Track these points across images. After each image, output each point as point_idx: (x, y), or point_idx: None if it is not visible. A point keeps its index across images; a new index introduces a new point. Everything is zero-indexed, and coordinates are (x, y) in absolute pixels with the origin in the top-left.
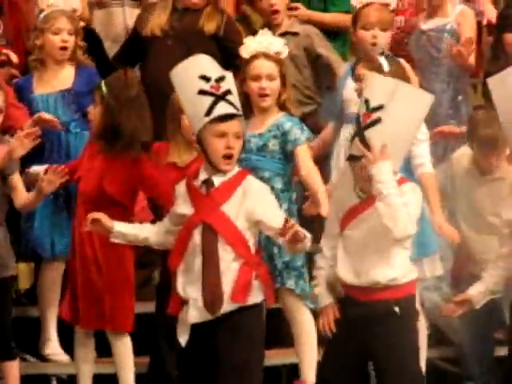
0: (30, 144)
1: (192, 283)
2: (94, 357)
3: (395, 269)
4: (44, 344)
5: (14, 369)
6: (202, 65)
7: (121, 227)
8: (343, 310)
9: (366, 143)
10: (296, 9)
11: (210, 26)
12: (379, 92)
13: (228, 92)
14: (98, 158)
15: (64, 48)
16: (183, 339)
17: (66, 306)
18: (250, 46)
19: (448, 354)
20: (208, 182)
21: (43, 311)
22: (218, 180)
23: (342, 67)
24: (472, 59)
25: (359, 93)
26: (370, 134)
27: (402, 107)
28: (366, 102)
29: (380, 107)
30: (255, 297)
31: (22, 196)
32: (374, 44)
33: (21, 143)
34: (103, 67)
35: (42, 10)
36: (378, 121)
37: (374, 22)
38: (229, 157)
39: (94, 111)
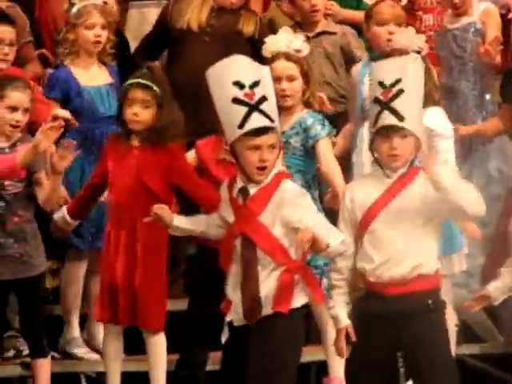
0: (55, 135)
1: (235, 287)
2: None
3: (424, 260)
4: (69, 343)
5: (45, 366)
6: (237, 68)
7: (179, 222)
8: (369, 305)
9: (396, 112)
10: (330, 8)
11: (249, 28)
12: (391, 71)
13: (263, 99)
14: (132, 155)
15: (98, 42)
16: (224, 338)
17: (101, 307)
18: (270, 45)
19: (476, 351)
20: (244, 191)
21: (68, 309)
22: (253, 188)
23: None
24: (498, 58)
25: None
26: (396, 104)
27: (413, 76)
28: (381, 83)
29: (398, 81)
30: (296, 301)
31: (45, 192)
32: (389, 40)
33: (45, 136)
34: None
35: (73, 4)
36: (401, 91)
37: (388, 18)
38: (262, 168)
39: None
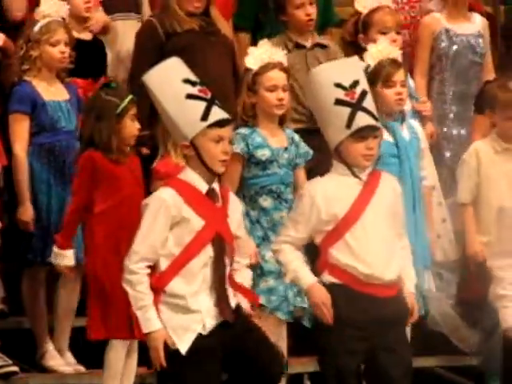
0: None
1: (202, 292)
2: None
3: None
4: (43, 357)
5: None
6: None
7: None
8: (358, 309)
9: (370, 113)
10: None
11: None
12: (346, 72)
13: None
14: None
15: (63, 58)
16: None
17: (118, 323)
18: (257, 56)
19: (453, 363)
20: (213, 193)
21: (35, 324)
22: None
23: None
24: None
25: None
26: (366, 105)
27: (364, 78)
28: (338, 85)
29: (356, 82)
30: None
31: None
32: None
33: None
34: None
35: (36, 21)
36: (365, 92)
37: (391, 27)
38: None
39: None
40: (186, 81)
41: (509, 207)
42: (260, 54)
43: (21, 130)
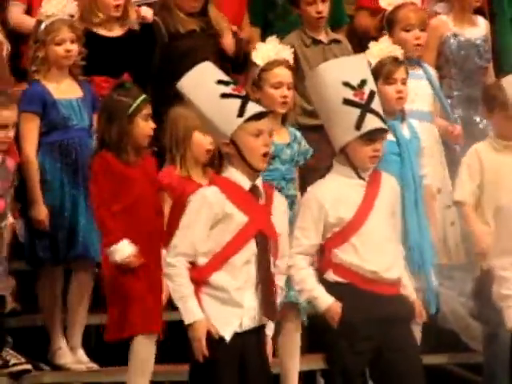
0: None
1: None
2: None
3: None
4: (55, 354)
5: None
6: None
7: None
8: (363, 308)
9: (379, 115)
10: None
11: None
12: (353, 71)
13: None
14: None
15: (68, 56)
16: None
17: (153, 318)
18: (264, 52)
19: (464, 360)
20: (256, 190)
21: (49, 321)
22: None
23: None
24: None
25: None
26: (374, 106)
27: (371, 77)
28: (347, 83)
29: (364, 81)
30: None
31: None
32: (418, 45)
33: None
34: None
35: (40, 21)
36: (373, 92)
37: (415, 24)
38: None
39: None
40: (220, 82)
41: (509, 205)
42: (267, 51)
43: (30, 129)
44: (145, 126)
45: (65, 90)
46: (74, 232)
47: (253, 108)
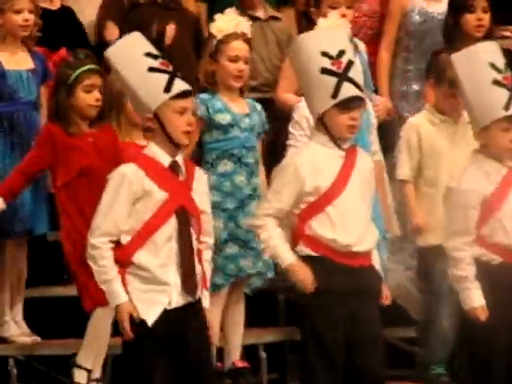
0: None
1: (168, 267)
2: None
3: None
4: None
5: None
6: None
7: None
8: (333, 279)
9: (356, 83)
10: None
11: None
12: (333, 42)
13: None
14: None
15: (26, 26)
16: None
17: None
18: (222, 24)
19: (407, 334)
20: (175, 166)
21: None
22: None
23: None
24: None
25: None
26: (352, 75)
27: (351, 48)
28: (325, 53)
29: (342, 52)
30: None
31: None
32: None
33: None
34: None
35: None
36: (351, 62)
37: (341, 1)
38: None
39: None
40: (148, 54)
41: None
42: (225, 22)
43: None
44: (85, 97)
45: (16, 60)
46: (18, 206)
47: (179, 85)
